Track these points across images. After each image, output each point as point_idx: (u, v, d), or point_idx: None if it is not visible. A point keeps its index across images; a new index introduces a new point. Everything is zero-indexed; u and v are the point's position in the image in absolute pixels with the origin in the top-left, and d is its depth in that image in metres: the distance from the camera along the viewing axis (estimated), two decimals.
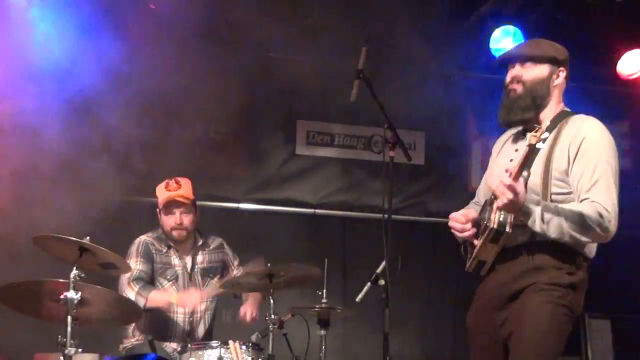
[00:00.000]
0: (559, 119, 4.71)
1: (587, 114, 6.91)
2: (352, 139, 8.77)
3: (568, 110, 4.84)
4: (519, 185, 4.30)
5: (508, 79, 4.78)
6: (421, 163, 8.59)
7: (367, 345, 6.78)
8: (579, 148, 4.51)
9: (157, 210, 6.77)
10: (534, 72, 4.72)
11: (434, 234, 5.65)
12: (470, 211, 4.84)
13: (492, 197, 4.57)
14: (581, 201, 4.43)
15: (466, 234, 4.73)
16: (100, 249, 5.31)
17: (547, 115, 4.73)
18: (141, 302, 6.24)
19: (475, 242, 4.67)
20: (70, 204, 6.90)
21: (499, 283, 4.63)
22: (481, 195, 5.07)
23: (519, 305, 4.53)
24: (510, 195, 4.27)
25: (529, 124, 4.61)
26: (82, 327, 5.34)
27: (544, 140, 4.43)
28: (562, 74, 4.77)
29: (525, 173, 4.46)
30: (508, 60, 4.85)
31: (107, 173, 7.39)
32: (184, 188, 6.74)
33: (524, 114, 4.69)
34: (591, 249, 4.63)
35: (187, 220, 6.68)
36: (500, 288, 4.61)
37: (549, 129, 4.60)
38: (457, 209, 5.03)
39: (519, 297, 4.54)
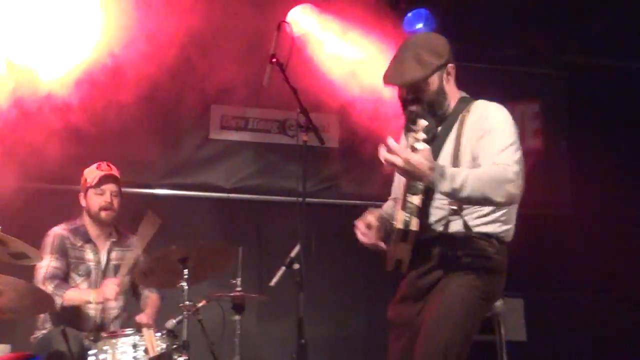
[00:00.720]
0: (459, 110, 4.72)
1: (498, 94, 6.99)
2: (266, 122, 8.81)
3: (466, 95, 4.83)
4: (413, 155, 4.18)
5: (402, 99, 4.74)
6: (335, 146, 8.62)
7: (282, 330, 6.81)
8: (483, 128, 4.55)
9: (82, 193, 6.70)
10: (429, 90, 4.66)
11: (348, 217, 5.60)
12: (374, 214, 4.81)
13: (401, 194, 4.64)
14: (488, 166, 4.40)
15: (368, 240, 4.74)
16: (11, 238, 5.25)
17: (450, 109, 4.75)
18: (58, 302, 6.19)
19: (381, 244, 4.70)
20: None
21: (417, 274, 4.65)
22: (396, 189, 5.07)
23: (435, 292, 4.57)
24: (400, 161, 4.17)
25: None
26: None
27: (444, 129, 4.62)
28: (452, 71, 4.75)
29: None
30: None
31: (18, 160, 7.34)
32: (115, 170, 6.78)
33: (429, 133, 4.52)
34: (507, 233, 4.65)
35: (116, 202, 6.69)
36: (419, 279, 4.64)
37: (451, 119, 4.68)
38: (372, 192, 5.07)
39: (436, 286, 4.58)
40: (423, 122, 4.34)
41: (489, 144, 4.48)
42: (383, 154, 4.24)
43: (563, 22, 8.50)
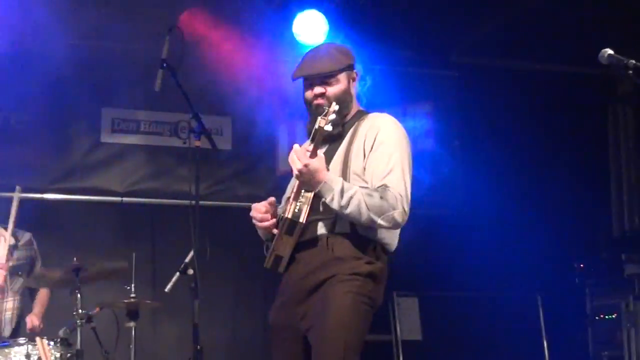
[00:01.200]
0: (356, 118, 4.78)
1: (390, 95, 7.00)
2: (158, 125, 8.74)
3: (363, 110, 4.89)
4: (313, 160, 4.35)
5: (310, 95, 4.76)
6: (228, 148, 8.62)
7: (178, 336, 6.79)
8: (374, 141, 4.58)
9: None
10: (337, 86, 4.71)
11: (243, 219, 5.63)
12: (272, 199, 4.79)
13: (292, 192, 4.61)
14: (377, 188, 4.47)
15: (266, 224, 4.69)
16: None
17: (348, 118, 4.80)
18: None
19: (275, 231, 4.65)
20: None
21: (299, 276, 4.61)
22: (289, 188, 5.06)
23: (320, 296, 4.51)
24: (300, 165, 4.35)
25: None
26: None
27: (333, 124, 4.47)
28: (356, 77, 4.84)
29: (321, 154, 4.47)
30: (306, 79, 4.79)
31: None
32: None
33: (335, 129, 4.63)
34: (392, 241, 4.68)
35: None
36: (301, 281, 4.62)
37: (347, 127, 4.71)
38: (266, 193, 5.06)
39: (319, 289, 4.54)
40: (335, 107, 4.42)
41: (379, 160, 4.52)
42: (292, 154, 4.40)
43: (452, 24, 8.59)
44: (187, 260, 5.76)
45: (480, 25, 8.74)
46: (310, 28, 7.97)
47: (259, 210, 4.70)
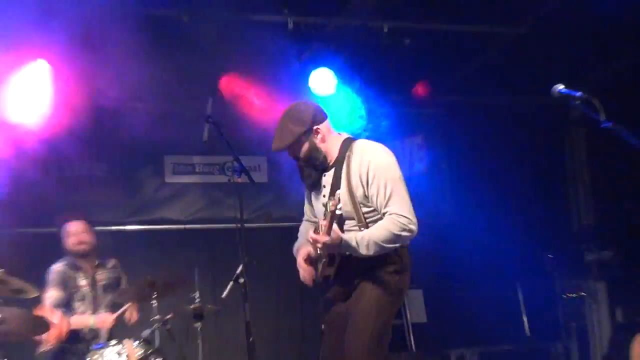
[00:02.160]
0: (344, 150, 4.74)
1: (391, 130, 7.00)
2: (208, 167, 8.81)
3: (347, 137, 4.88)
4: (326, 238, 4.43)
5: (292, 157, 4.84)
6: (265, 181, 8.65)
7: (234, 332, 6.77)
8: (367, 175, 4.57)
9: (64, 235, 6.67)
10: (302, 150, 4.72)
11: (279, 237, 5.68)
12: (302, 252, 4.91)
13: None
14: (384, 215, 4.53)
15: (309, 279, 4.89)
16: (11, 278, 5.22)
17: (331, 155, 4.79)
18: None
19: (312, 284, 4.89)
20: None
21: (343, 282, 4.76)
22: (308, 212, 5.19)
23: (357, 294, 4.68)
24: (321, 246, 4.52)
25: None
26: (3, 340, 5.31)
27: (335, 174, 4.72)
28: (320, 130, 4.74)
29: (334, 226, 4.48)
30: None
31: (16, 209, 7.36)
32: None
33: (318, 174, 4.80)
34: (407, 242, 4.69)
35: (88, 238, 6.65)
36: (345, 286, 4.74)
37: (339, 163, 4.73)
38: (298, 214, 5.11)
39: (357, 288, 4.68)
40: (338, 203, 4.38)
41: (378, 192, 4.55)
42: (310, 238, 4.58)
43: (435, 73, 8.62)
44: (238, 271, 5.79)
45: (457, 71, 8.75)
46: (323, 82, 7.99)
47: (304, 269, 4.94)
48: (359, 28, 7.90)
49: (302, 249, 4.87)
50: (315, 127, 4.70)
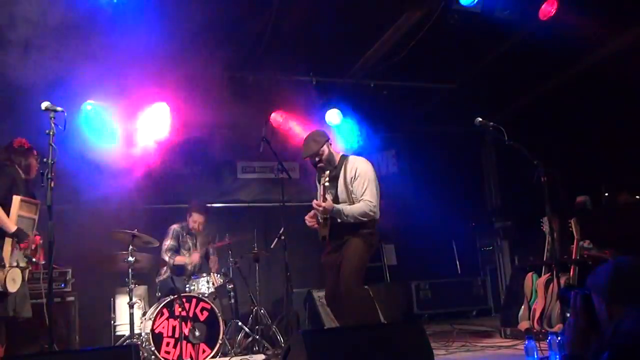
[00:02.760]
0: (341, 162, 4.81)
1: (374, 146, 6.90)
2: (263, 168, 8.75)
3: (344, 154, 4.93)
4: (324, 204, 4.59)
5: (312, 163, 4.83)
6: (297, 177, 8.60)
7: (278, 268, 6.74)
8: (354, 175, 4.69)
9: (188, 214, 6.67)
10: (323, 156, 4.74)
11: (306, 211, 5.64)
12: (313, 213, 4.83)
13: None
14: (360, 200, 4.64)
15: (312, 225, 4.82)
16: (143, 235, 5.25)
17: (335, 163, 4.82)
18: (171, 262, 6.21)
19: (316, 226, 4.78)
20: (128, 211, 6.81)
21: (334, 240, 4.76)
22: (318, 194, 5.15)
23: (345, 247, 4.69)
24: (320, 209, 4.59)
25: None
26: (137, 272, 5.29)
27: (333, 177, 4.74)
28: (330, 145, 4.80)
29: (328, 196, 4.72)
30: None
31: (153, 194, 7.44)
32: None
33: (328, 174, 4.77)
34: (376, 217, 4.72)
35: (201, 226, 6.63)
36: (335, 242, 4.74)
37: (338, 168, 4.79)
38: (315, 197, 5.07)
39: (344, 244, 4.69)
40: (327, 173, 4.67)
41: (358, 185, 4.66)
42: (314, 204, 4.65)
43: (403, 109, 8.61)
44: (280, 232, 5.79)
45: (415, 110, 8.73)
46: (333, 117, 7.97)
47: (308, 220, 4.85)
48: (356, 84, 7.91)
49: (311, 212, 4.84)
50: (329, 141, 4.83)
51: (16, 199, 4.46)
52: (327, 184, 4.74)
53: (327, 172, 4.75)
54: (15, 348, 4.94)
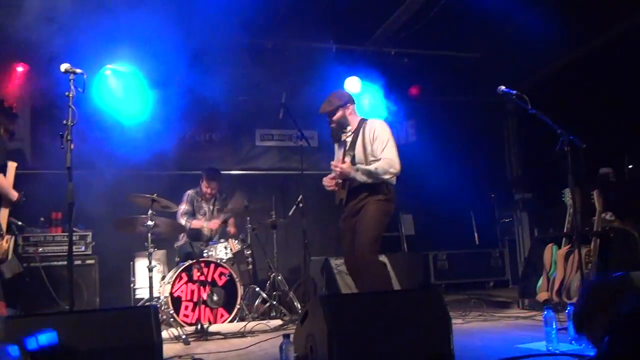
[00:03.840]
0: (360, 125, 4.83)
1: (395, 116, 6.85)
2: (283, 136, 8.74)
3: (363, 118, 4.92)
4: (343, 165, 4.62)
5: (328, 120, 4.89)
6: (316, 145, 8.59)
7: (296, 235, 6.72)
8: (374, 135, 4.70)
9: (200, 180, 6.70)
10: (335, 116, 4.84)
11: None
12: (331, 175, 4.89)
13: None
14: (380, 159, 4.64)
15: (330, 187, 4.89)
16: (162, 199, 5.28)
17: (353, 126, 4.85)
18: (187, 226, 6.25)
19: (335, 188, 4.84)
20: (146, 177, 6.86)
21: (351, 205, 4.77)
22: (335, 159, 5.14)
23: (362, 212, 4.70)
24: (338, 170, 4.64)
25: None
26: (156, 236, 5.34)
27: (352, 141, 4.76)
28: (350, 107, 4.86)
29: (347, 158, 4.73)
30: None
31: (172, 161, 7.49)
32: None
33: (341, 135, 4.87)
34: (393, 181, 4.73)
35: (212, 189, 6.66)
36: (352, 207, 4.75)
37: (357, 132, 4.80)
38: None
39: (361, 209, 4.70)
40: (348, 134, 4.73)
41: (378, 145, 4.67)
42: (332, 165, 4.73)
43: (423, 79, 8.49)
44: (298, 199, 5.78)
45: (437, 80, 8.60)
46: (354, 85, 7.83)
47: (326, 182, 4.91)
48: (376, 52, 7.80)
49: (330, 174, 4.90)
50: (347, 104, 4.84)
51: (12, 165, 4.52)
52: (347, 142, 4.74)
53: (348, 133, 4.77)
54: (37, 310, 5.05)
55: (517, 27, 7.30)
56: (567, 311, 3.80)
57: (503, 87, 4.69)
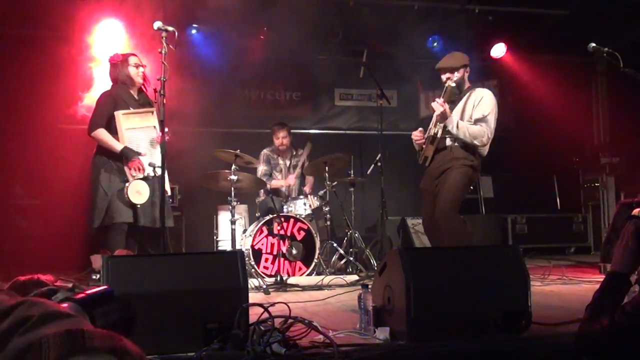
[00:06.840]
0: (468, 90, 4.78)
1: (478, 78, 6.78)
2: (362, 95, 8.76)
3: (471, 85, 4.86)
4: (445, 105, 4.56)
5: (444, 78, 4.75)
6: (396, 105, 8.56)
7: (374, 194, 6.78)
8: (479, 102, 4.65)
9: (272, 135, 6.81)
10: (454, 75, 4.72)
11: (403, 141, 5.60)
12: (421, 129, 4.90)
13: (433, 123, 4.73)
14: (476, 123, 4.62)
15: (419, 140, 4.85)
16: (245, 155, 5.45)
17: (463, 89, 4.79)
18: (268, 186, 6.39)
19: (424, 146, 4.77)
20: (227, 135, 7.02)
21: (435, 166, 4.79)
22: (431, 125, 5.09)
23: (445, 175, 4.71)
24: (441, 108, 4.54)
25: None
26: (238, 192, 5.52)
27: (453, 102, 4.68)
28: (468, 70, 4.79)
29: (446, 105, 4.62)
30: (440, 70, 4.81)
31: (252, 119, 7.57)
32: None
33: (455, 96, 4.75)
34: (484, 151, 4.72)
35: (286, 140, 6.74)
36: (436, 169, 4.78)
37: (463, 95, 4.76)
38: (414, 125, 5.07)
39: (445, 172, 4.69)
40: (452, 83, 4.66)
41: (480, 111, 4.63)
42: (435, 103, 4.63)
43: (508, 37, 8.23)
44: (377, 158, 5.82)
45: (521, 38, 8.29)
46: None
47: (416, 134, 4.86)
48: (460, 10, 7.63)
49: (419, 128, 4.95)
50: (467, 67, 4.81)
51: (117, 115, 4.67)
52: (452, 88, 4.72)
53: (452, 84, 4.71)
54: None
55: None
56: None
57: (593, 44, 4.53)
